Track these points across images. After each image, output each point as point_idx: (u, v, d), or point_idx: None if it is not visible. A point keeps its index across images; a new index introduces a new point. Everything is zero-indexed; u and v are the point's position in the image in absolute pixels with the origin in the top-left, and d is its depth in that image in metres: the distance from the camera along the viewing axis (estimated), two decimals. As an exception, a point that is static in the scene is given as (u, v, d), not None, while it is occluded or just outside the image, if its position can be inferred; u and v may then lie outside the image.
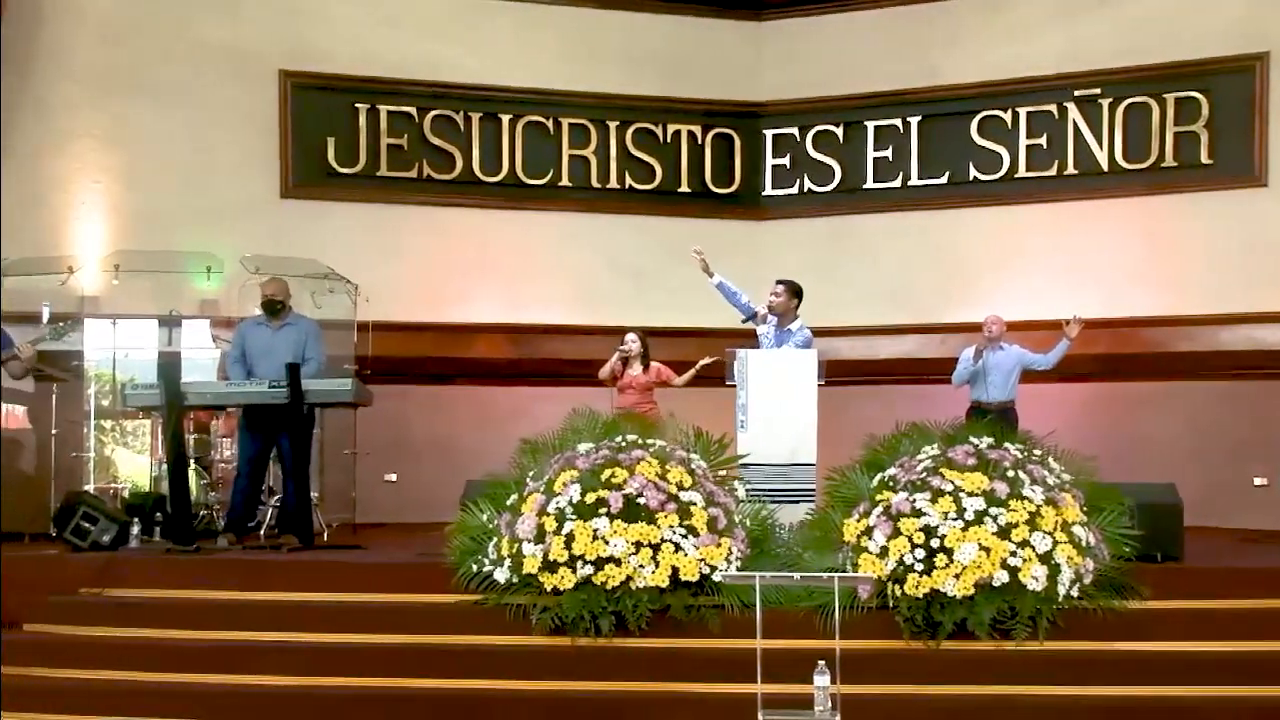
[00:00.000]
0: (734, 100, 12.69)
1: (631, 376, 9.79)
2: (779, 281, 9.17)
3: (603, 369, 9.83)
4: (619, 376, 9.82)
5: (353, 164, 11.81)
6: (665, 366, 9.85)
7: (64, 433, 10.23)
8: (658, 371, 9.84)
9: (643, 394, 9.75)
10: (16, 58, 10.58)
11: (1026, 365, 9.97)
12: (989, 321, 9.95)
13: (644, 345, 9.85)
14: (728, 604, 6.76)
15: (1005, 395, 9.89)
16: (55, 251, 10.64)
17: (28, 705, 7.08)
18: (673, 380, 9.82)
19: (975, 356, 9.84)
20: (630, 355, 9.80)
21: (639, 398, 9.71)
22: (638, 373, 9.80)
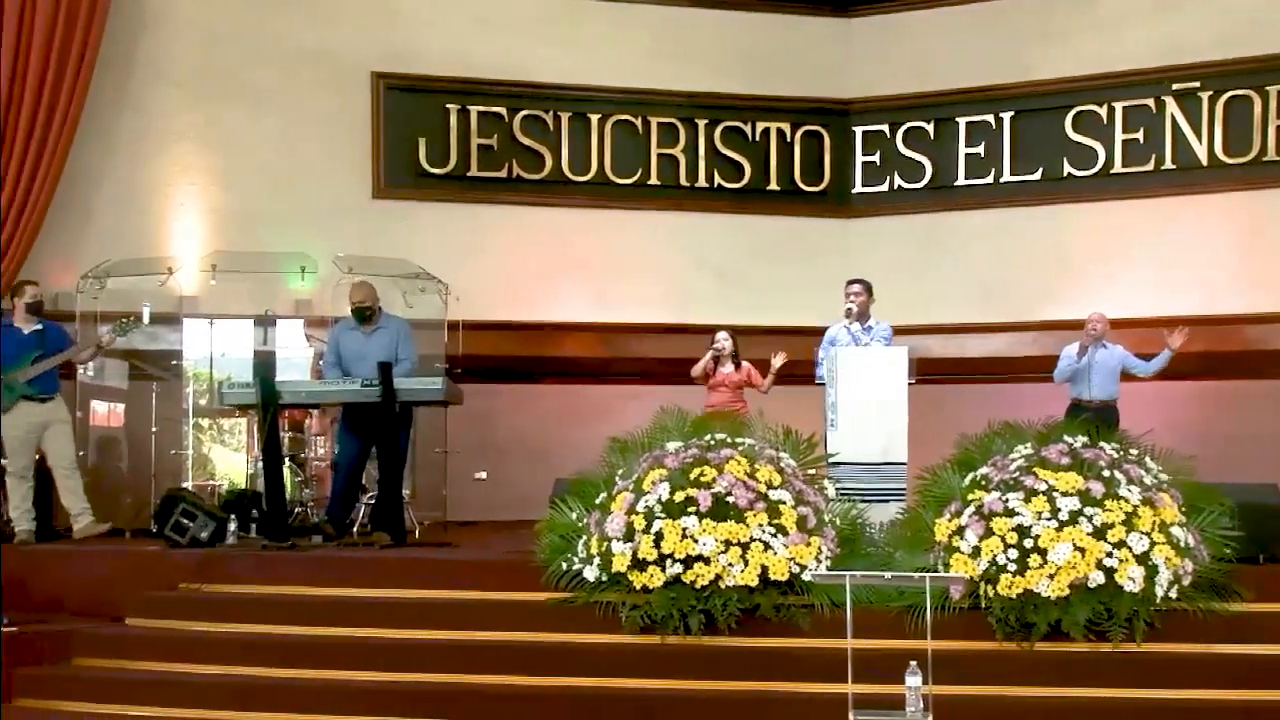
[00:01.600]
0: (823, 97, 12.62)
1: (724, 374, 9.77)
2: (854, 281, 9.14)
3: (695, 367, 9.81)
4: (711, 375, 9.81)
5: (443, 164, 11.91)
6: (754, 368, 9.82)
7: (164, 431, 10.43)
8: (748, 371, 9.81)
9: (734, 392, 9.73)
10: (117, 62, 10.80)
11: (1128, 368, 9.82)
12: (1093, 319, 9.81)
13: (735, 344, 9.83)
14: (817, 603, 6.71)
15: (1107, 394, 9.74)
16: (155, 252, 10.85)
17: (128, 698, 7.23)
18: (759, 384, 9.79)
19: (1079, 354, 9.71)
20: (723, 354, 9.78)
21: (730, 396, 9.69)
22: (730, 371, 9.78)
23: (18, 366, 9.12)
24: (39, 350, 9.20)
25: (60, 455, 9.26)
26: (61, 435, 9.29)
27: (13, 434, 9.15)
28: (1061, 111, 11.99)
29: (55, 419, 9.27)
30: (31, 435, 9.18)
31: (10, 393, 9.10)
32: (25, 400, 9.14)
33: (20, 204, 10.16)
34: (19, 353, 9.16)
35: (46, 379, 9.24)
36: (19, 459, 9.18)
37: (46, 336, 9.33)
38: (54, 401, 9.31)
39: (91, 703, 7.27)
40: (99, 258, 10.49)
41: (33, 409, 9.17)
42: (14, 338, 9.24)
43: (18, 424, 9.15)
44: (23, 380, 9.12)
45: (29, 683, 7.53)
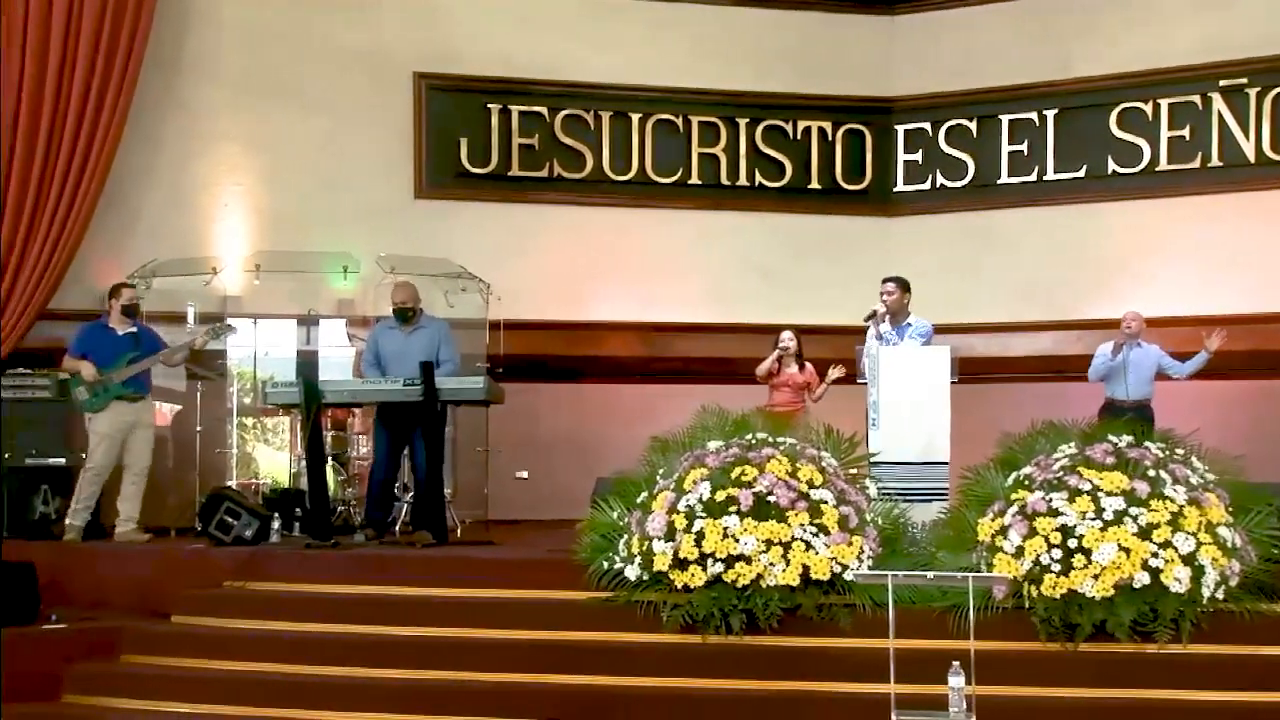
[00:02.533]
0: (865, 96, 12.57)
1: (788, 374, 9.76)
2: (889, 279, 9.09)
3: (760, 366, 9.80)
4: (775, 374, 9.79)
5: (485, 164, 11.94)
6: (816, 371, 9.80)
7: (208, 430, 10.51)
8: (811, 372, 9.80)
9: (796, 393, 9.73)
10: (164, 63, 10.88)
11: (1163, 369, 9.76)
12: (1128, 318, 9.74)
13: (799, 344, 9.82)
14: (859, 603, 6.70)
15: (1142, 394, 9.67)
16: (199, 252, 10.93)
17: (174, 695, 7.30)
18: (815, 389, 9.78)
19: (1114, 352, 9.64)
20: (788, 353, 9.77)
21: (792, 396, 9.69)
22: (794, 371, 9.76)
23: (113, 367, 9.23)
24: (134, 352, 9.30)
25: (138, 459, 9.34)
26: (144, 439, 9.38)
27: (102, 430, 9.25)
28: (1106, 109, 11.89)
29: (142, 421, 9.37)
30: (119, 434, 9.27)
31: (105, 392, 9.20)
32: (118, 400, 9.25)
33: (68, 204, 10.26)
34: (114, 354, 9.27)
35: (139, 380, 9.35)
36: (103, 458, 9.27)
37: (141, 338, 9.43)
38: (144, 402, 9.41)
39: (139, 699, 7.36)
40: (145, 257, 10.58)
41: (124, 409, 9.27)
42: (110, 339, 9.36)
43: (109, 423, 9.24)
44: (117, 380, 9.22)
45: (79, 679, 7.62)
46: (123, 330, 9.44)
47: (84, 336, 9.46)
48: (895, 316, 8.99)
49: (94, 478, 9.32)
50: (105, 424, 9.27)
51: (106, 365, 9.26)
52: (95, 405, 9.25)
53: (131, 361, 9.29)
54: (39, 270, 10.18)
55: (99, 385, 9.21)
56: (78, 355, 9.31)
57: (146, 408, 9.49)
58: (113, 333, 9.43)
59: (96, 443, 9.30)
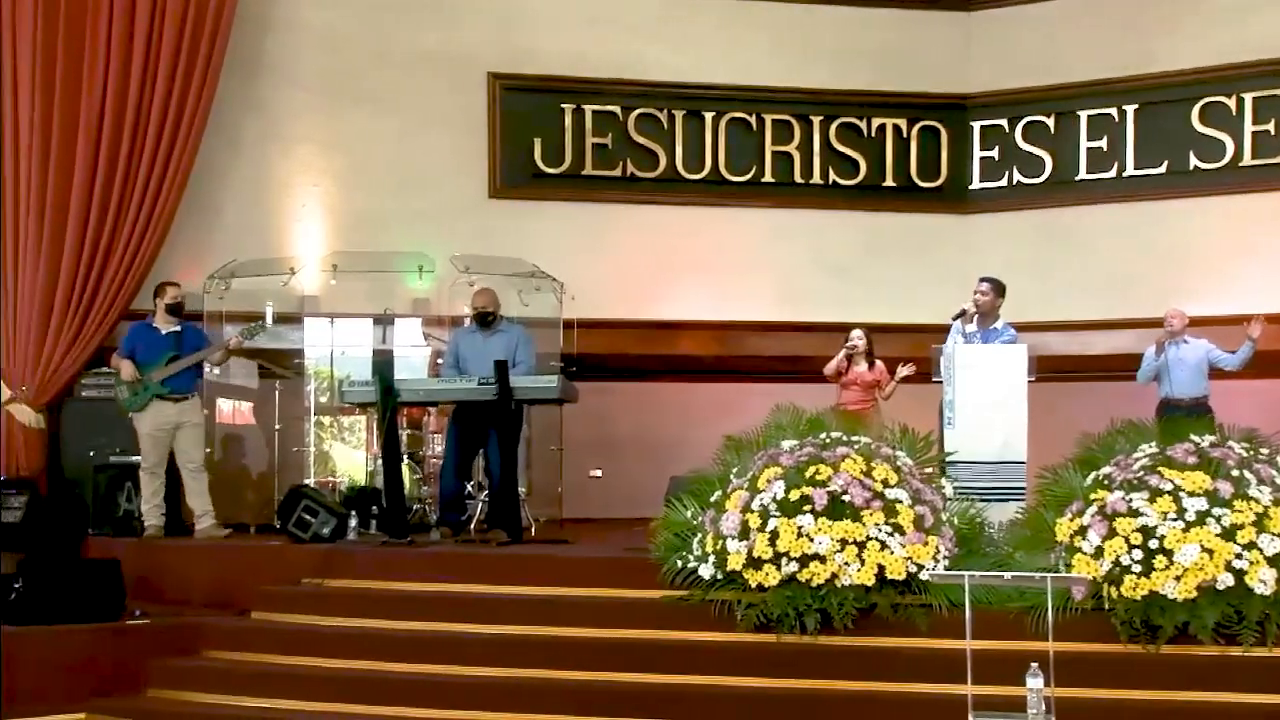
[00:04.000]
0: (940, 93, 12.49)
1: (857, 373, 9.70)
2: (984, 279, 8.96)
3: (828, 365, 9.75)
4: (844, 373, 9.74)
5: (559, 164, 11.99)
6: (886, 369, 9.74)
7: (286, 428, 10.63)
8: (881, 371, 9.74)
9: (866, 391, 9.67)
10: (243, 67, 11.03)
11: (1213, 362, 9.61)
12: (1170, 316, 9.67)
13: (869, 343, 9.76)
14: (935, 603, 6.63)
15: (1194, 391, 9.54)
16: (278, 253, 11.07)
17: (254, 690, 7.39)
18: (884, 387, 9.71)
19: (1156, 351, 9.53)
20: (857, 352, 9.71)
21: (862, 395, 9.63)
22: (863, 370, 9.71)
23: (154, 366, 9.37)
24: (175, 351, 9.44)
25: (189, 455, 9.48)
26: (191, 436, 9.51)
27: (146, 431, 9.41)
28: (1188, 103, 11.73)
29: (187, 419, 9.49)
30: (163, 434, 9.41)
31: (145, 391, 9.35)
32: (159, 399, 9.38)
33: (150, 205, 10.43)
34: (156, 353, 9.41)
35: (182, 379, 9.46)
36: (151, 456, 9.43)
37: (184, 337, 9.56)
38: (188, 402, 9.52)
39: (220, 694, 7.46)
40: (225, 258, 10.74)
41: (166, 408, 9.40)
42: (153, 337, 9.50)
43: (150, 422, 9.39)
44: (157, 379, 9.36)
45: (161, 673, 7.74)
46: (166, 329, 9.56)
47: (129, 336, 9.62)
48: (985, 318, 8.86)
49: (150, 476, 9.46)
50: (147, 424, 9.41)
51: (148, 364, 9.38)
52: (135, 404, 9.38)
53: (170, 361, 9.41)
54: (122, 271, 10.36)
55: (138, 384, 9.34)
56: (122, 355, 9.45)
57: (191, 406, 9.55)
58: (156, 332, 9.55)
59: (143, 442, 9.45)
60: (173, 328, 9.56)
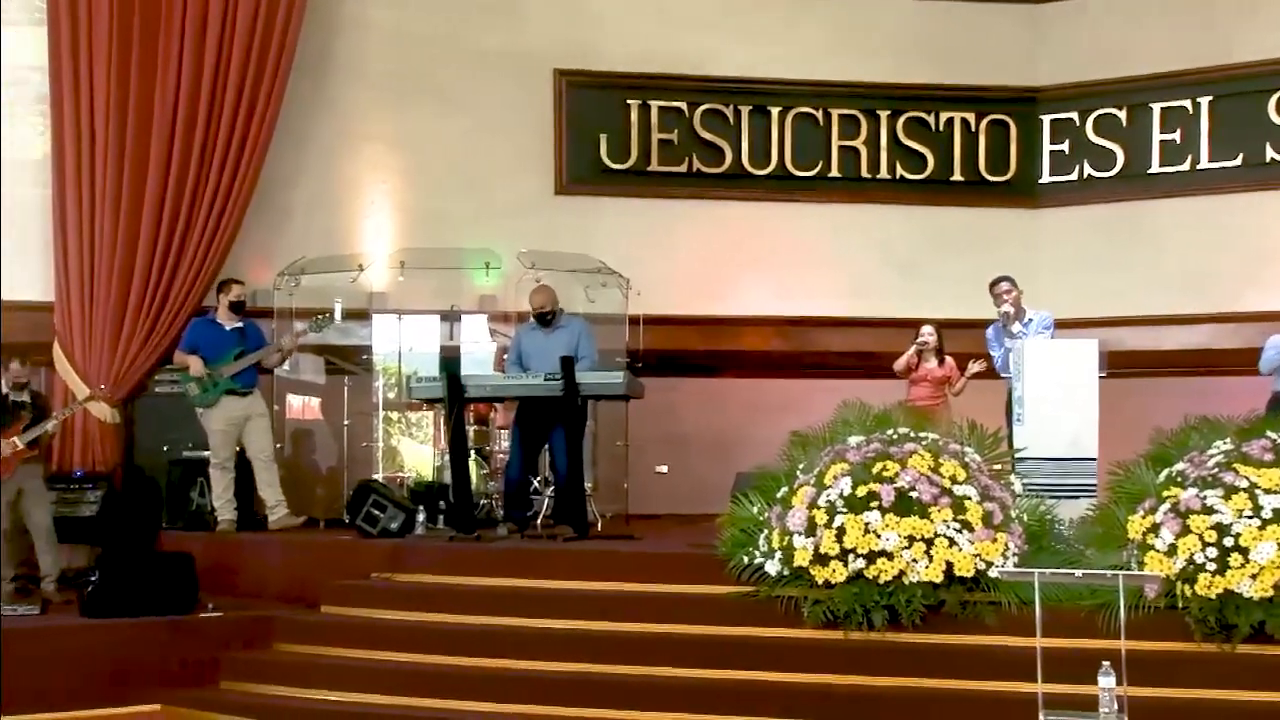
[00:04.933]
0: (1009, 85, 12.35)
1: (927, 369, 9.64)
2: (1003, 279, 8.93)
3: (898, 361, 9.70)
4: (914, 369, 9.68)
5: (624, 160, 11.99)
6: (957, 365, 9.67)
7: (355, 424, 10.73)
8: (951, 367, 9.66)
9: (936, 388, 9.60)
10: (313, 66, 11.12)
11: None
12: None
13: (940, 339, 9.69)
14: (1004, 601, 6.57)
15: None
16: (346, 250, 11.16)
17: (324, 683, 7.48)
18: (954, 383, 9.64)
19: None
20: (927, 348, 9.65)
21: (931, 391, 9.56)
22: (932, 366, 9.64)
23: (221, 362, 9.50)
24: (240, 347, 9.57)
25: (259, 448, 9.61)
26: (260, 429, 9.65)
27: (215, 427, 9.55)
28: (1264, 94, 11.52)
29: (254, 412, 9.64)
30: (233, 428, 9.55)
31: (214, 387, 9.48)
32: (228, 395, 9.52)
33: (222, 204, 10.55)
34: (222, 349, 9.54)
35: (247, 374, 9.64)
36: (221, 451, 9.56)
37: (247, 334, 9.70)
38: (253, 395, 9.68)
39: (291, 686, 7.57)
40: (294, 255, 10.84)
41: (234, 403, 9.53)
42: (217, 334, 9.63)
43: (220, 417, 9.53)
44: (227, 375, 9.49)
45: (234, 666, 7.86)
46: (229, 325, 9.71)
47: (192, 332, 9.76)
48: (1019, 313, 8.81)
49: (221, 471, 9.59)
50: (218, 420, 9.55)
51: (214, 360, 9.50)
52: (205, 400, 9.53)
53: (238, 357, 9.53)
54: (194, 269, 10.49)
55: (208, 380, 9.47)
56: (187, 350, 9.58)
57: (256, 400, 9.74)
58: (220, 328, 9.70)
59: (213, 438, 9.59)
60: (235, 324, 9.71)
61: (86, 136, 10.33)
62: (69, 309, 10.33)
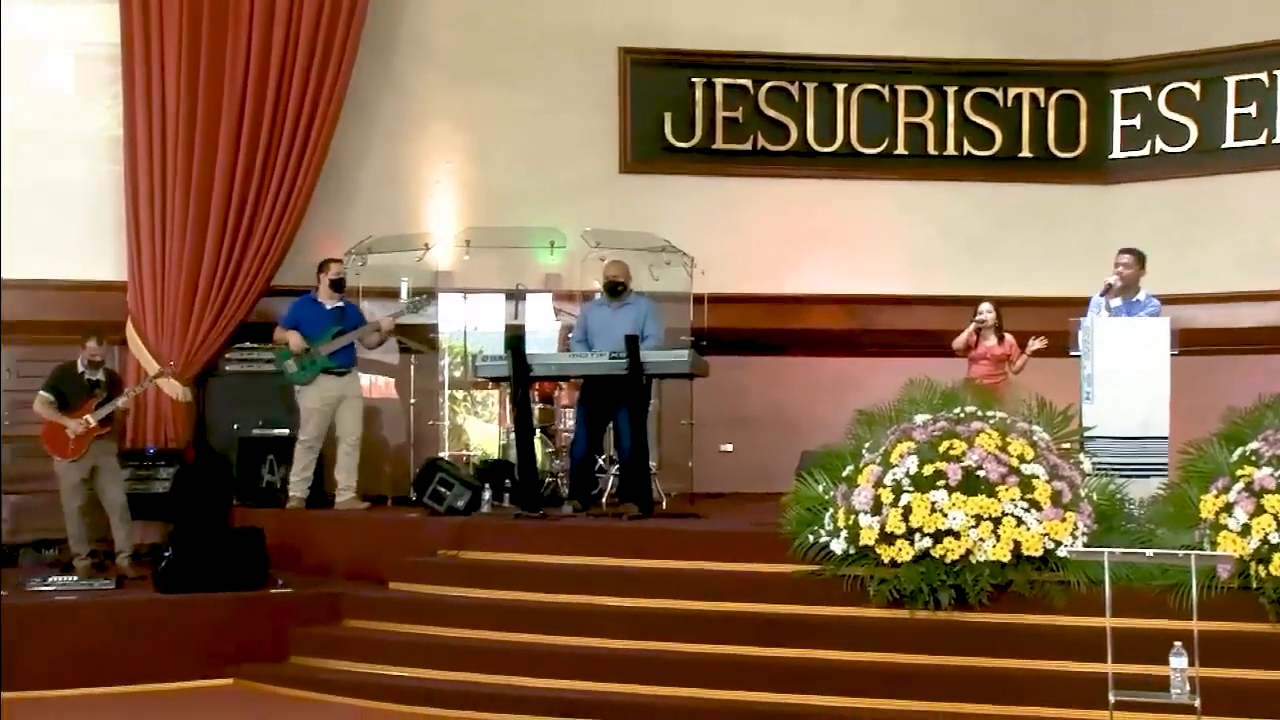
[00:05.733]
0: (1079, 60, 12.17)
1: (986, 347, 9.54)
2: (1126, 250, 8.70)
3: (957, 339, 9.62)
4: (973, 347, 9.60)
5: (689, 138, 11.96)
6: (1018, 342, 9.58)
7: (421, 402, 10.80)
8: (1011, 345, 9.56)
9: (995, 365, 9.50)
10: (379, 45, 11.18)
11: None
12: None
13: (998, 316, 9.60)
14: (1074, 580, 6.52)
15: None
16: (412, 229, 11.22)
17: (392, 658, 7.57)
18: (1015, 361, 9.55)
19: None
20: (986, 325, 9.57)
21: (991, 369, 9.46)
22: (992, 344, 9.55)
23: (320, 340, 9.57)
24: (339, 326, 9.64)
25: (348, 429, 9.66)
26: (353, 410, 9.70)
27: (309, 405, 9.62)
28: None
29: (349, 393, 9.69)
30: (327, 407, 9.61)
31: (312, 365, 9.57)
32: (324, 373, 9.60)
33: (290, 183, 10.64)
34: (321, 327, 9.62)
35: (345, 354, 9.68)
36: (313, 429, 9.63)
37: (346, 313, 9.76)
38: (350, 376, 9.74)
39: (360, 662, 7.67)
40: (361, 235, 10.90)
41: (330, 382, 9.60)
42: (318, 313, 9.71)
43: (315, 395, 9.60)
44: (324, 354, 9.57)
45: (304, 641, 7.97)
46: (330, 305, 9.76)
47: (294, 310, 9.83)
48: (1127, 291, 8.63)
49: (306, 450, 9.66)
50: (313, 397, 9.61)
51: (313, 338, 9.58)
52: (303, 378, 9.60)
53: (337, 335, 9.60)
54: (263, 248, 10.59)
55: (306, 358, 9.55)
56: (288, 326, 9.66)
57: (353, 380, 9.79)
58: (320, 307, 9.76)
59: (307, 416, 9.65)
60: (336, 303, 9.77)
61: (158, 117, 10.46)
62: (141, 288, 10.47)
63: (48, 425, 9.05)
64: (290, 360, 9.61)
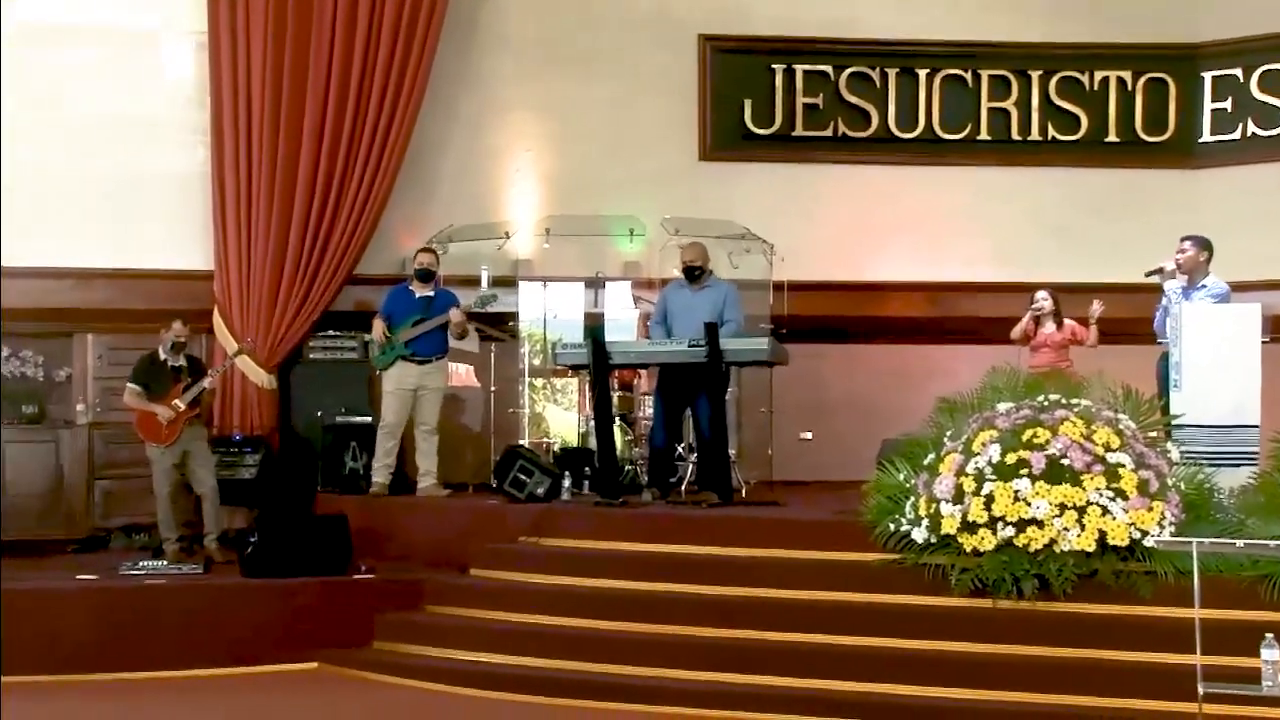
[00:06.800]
0: (1168, 42, 11.95)
1: (1045, 335, 9.44)
2: (1186, 238, 8.58)
3: (1014, 329, 9.53)
4: (1031, 336, 9.49)
5: (769, 125, 11.91)
6: (1079, 325, 9.45)
7: (501, 390, 10.86)
8: (1071, 330, 9.44)
9: (1057, 352, 9.39)
10: (459, 37, 11.25)
11: None
12: None
13: (1055, 303, 9.48)
14: (1161, 570, 6.41)
15: None
16: (493, 217, 11.28)
17: (473, 644, 7.62)
18: (1086, 340, 9.42)
19: None
20: (1043, 313, 9.46)
21: (1054, 357, 9.36)
22: (1051, 331, 9.43)
23: (402, 328, 9.67)
24: (421, 315, 9.72)
25: (424, 417, 9.74)
26: (431, 399, 9.76)
27: (386, 388, 9.73)
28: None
29: (428, 384, 9.75)
30: (404, 394, 9.69)
31: (390, 351, 9.66)
32: (403, 360, 9.68)
33: (373, 173, 10.75)
34: (406, 315, 9.71)
35: (429, 343, 9.73)
36: (388, 415, 9.73)
37: (434, 302, 9.83)
38: (433, 365, 9.79)
39: (442, 648, 7.74)
40: (443, 223, 10.99)
41: (409, 369, 9.68)
42: (407, 300, 9.81)
43: (394, 381, 9.70)
44: (401, 340, 9.65)
45: (387, 627, 8.05)
46: (420, 294, 9.84)
47: (387, 298, 9.95)
48: (1192, 276, 8.50)
49: (385, 435, 9.76)
50: (390, 382, 9.72)
51: (398, 326, 9.67)
52: (381, 362, 9.73)
53: (415, 324, 9.67)
54: (346, 237, 10.72)
55: (385, 345, 9.64)
56: (382, 315, 9.77)
57: (436, 370, 9.82)
58: (411, 295, 9.85)
59: (386, 401, 9.75)
60: (426, 292, 9.85)
61: (244, 107, 10.61)
62: (228, 277, 10.63)
63: (140, 414, 9.23)
64: (373, 345, 9.74)
